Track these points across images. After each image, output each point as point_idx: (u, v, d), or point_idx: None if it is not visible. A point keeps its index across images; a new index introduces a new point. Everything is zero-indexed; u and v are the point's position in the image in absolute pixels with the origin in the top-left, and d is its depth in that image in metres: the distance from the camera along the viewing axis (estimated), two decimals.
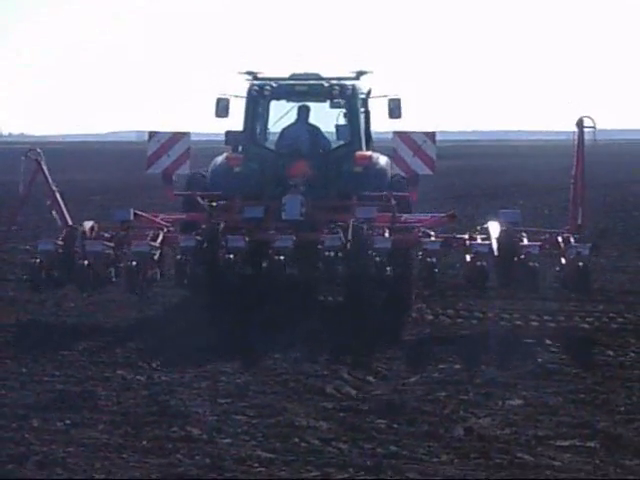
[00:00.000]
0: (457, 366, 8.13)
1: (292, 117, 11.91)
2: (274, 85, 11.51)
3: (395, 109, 11.80)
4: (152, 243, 10.04)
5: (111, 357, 8.48)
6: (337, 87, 11.31)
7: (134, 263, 9.80)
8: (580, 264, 9.51)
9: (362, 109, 11.78)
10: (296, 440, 6.21)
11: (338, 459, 5.87)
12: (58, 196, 10.87)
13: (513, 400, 7.10)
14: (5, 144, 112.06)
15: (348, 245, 9.67)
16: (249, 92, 11.50)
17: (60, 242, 10.08)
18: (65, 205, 10.91)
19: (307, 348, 8.75)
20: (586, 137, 10.17)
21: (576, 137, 9.96)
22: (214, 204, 10.68)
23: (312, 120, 11.83)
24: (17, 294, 10.94)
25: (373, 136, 12.43)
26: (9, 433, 6.33)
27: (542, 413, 6.75)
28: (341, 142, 11.86)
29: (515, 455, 5.88)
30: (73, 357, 8.45)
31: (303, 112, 11.71)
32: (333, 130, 12.03)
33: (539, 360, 8.32)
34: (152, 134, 10.75)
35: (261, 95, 11.47)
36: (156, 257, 10.05)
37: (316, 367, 8.04)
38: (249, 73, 11.69)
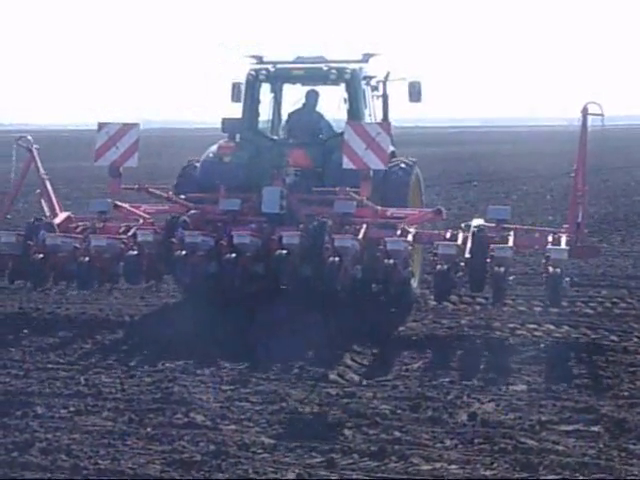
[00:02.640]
0: (460, 352, 8.13)
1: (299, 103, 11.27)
2: (271, 69, 10.93)
3: (415, 92, 11.30)
4: (118, 237, 9.59)
5: (115, 345, 8.49)
6: (335, 71, 10.66)
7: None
8: (551, 270, 8.55)
9: (371, 93, 11.26)
10: (300, 426, 6.22)
11: (342, 445, 5.88)
12: (48, 185, 10.67)
13: (517, 385, 7.11)
14: (5, 133, 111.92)
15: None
16: (246, 76, 10.96)
17: (20, 234, 9.74)
18: (55, 194, 10.69)
19: (310, 335, 8.75)
20: (594, 124, 9.59)
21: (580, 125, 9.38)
22: (182, 196, 10.28)
23: (328, 105, 11.19)
24: (21, 283, 10.94)
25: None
26: (13, 420, 6.34)
27: (546, 398, 6.76)
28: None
29: (519, 440, 5.89)
30: (77, 345, 8.46)
31: (311, 97, 11.08)
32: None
33: (542, 345, 8.32)
34: (101, 125, 10.25)
35: (257, 79, 10.90)
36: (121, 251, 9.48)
37: (320, 353, 8.04)
38: (254, 57, 11.21)
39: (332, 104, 11.21)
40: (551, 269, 8.61)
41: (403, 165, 10.66)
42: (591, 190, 18.60)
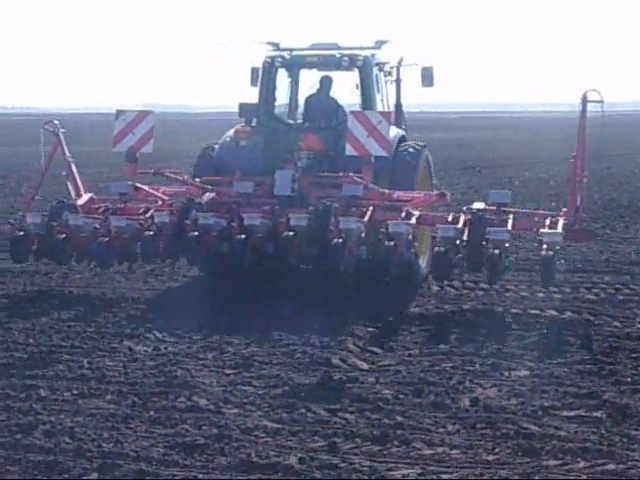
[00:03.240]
0: (463, 337, 8.14)
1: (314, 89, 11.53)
2: (286, 55, 11.26)
3: (428, 77, 11.62)
4: (137, 218, 9.95)
5: (118, 328, 8.50)
6: (347, 57, 10.91)
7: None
8: (544, 253, 8.82)
9: (384, 79, 11.51)
10: (302, 410, 6.24)
11: (345, 429, 5.89)
12: (73, 167, 10.94)
13: (519, 371, 7.11)
14: (8, 116, 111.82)
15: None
16: (263, 63, 11.25)
17: (45, 215, 10.16)
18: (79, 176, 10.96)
19: (313, 319, 8.77)
20: (594, 111, 9.73)
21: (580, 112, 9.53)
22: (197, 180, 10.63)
23: (345, 91, 11.42)
24: (25, 266, 10.98)
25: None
26: (17, 403, 6.37)
27: (548, 384, 6.76)
28: None
29: (521, 425, 5.90)
30: (80, 328, 8.47)
31: (325, 83, 11.36)
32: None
33: (545, 331, 8.33)
34: (119, 113, 10.71)
35: (273, 65, 11.19)
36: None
37: (322, 338, 8.05)
38: (271, 44, 11.47)
39: (346, 89, 11.44)
40: (544, 251, 8.85)
41: (411, 149, 10.82)
42: (594, 177, 18.64)
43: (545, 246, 8.90)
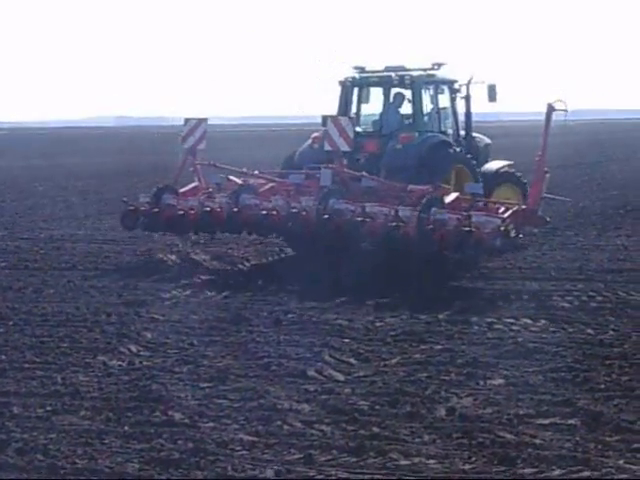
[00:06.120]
0: (438, 346, 8.15)
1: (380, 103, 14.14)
2: (357, 76, 14.02)
3: (492, 93, 13.90)
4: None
5: (92, 343, 8.44)
6: (398, 77, 13.66)
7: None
8: (466, 229, 10.76)
9: (451, 95, 13.93)
10: (278, 423, 6.22)
11: (321, 441, 5.88)
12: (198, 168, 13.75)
13: (494, 379, 7.14)
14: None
15: None
16: (339, 82, 13.98)
17: (148, 196, 13.27)
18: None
19: (288, 330, 8.76)
20: (558, 119, 11.83)
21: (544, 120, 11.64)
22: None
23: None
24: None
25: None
26: None
27: (523, 392, 6.79)
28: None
29: (497, 434, 5.92)
30: (53, 344, 8.40)
31: (397, 99, 13.89)
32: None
33: (520, 339, 8.36)
34: (186, 120, 14.11)
35: (345, 84, 13.91)
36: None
37: (298, 350, 8.04)
38: (357, 67, 14.14)
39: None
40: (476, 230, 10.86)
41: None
42: (567, 184, 18.80)
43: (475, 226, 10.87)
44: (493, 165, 14.23)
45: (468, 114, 14.37)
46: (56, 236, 15.78)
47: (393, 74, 13.80)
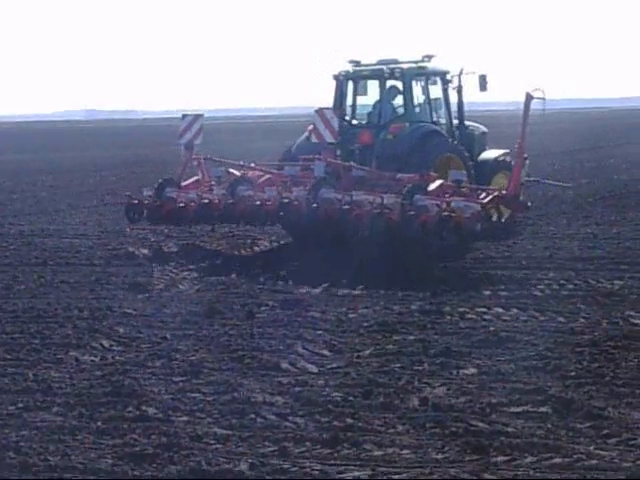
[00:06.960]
0: (411, 337, 8.18)
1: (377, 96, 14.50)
2: (350, 70, 14.43)
3: (483, 83, 14.23)
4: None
5: (64, 339, 8.39)
6: (389, 70, 14.00)
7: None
8: (445, 214, 11.16)
9: (444, 86, 14.21)
10: (252, 416, 6.22)
11: (295, 433, 5.89)
12: (202, 162, 14.25)
13: (467, 369, 7.18)
14: None
15: None
16: (334, 76, 14.43)
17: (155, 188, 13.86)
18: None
19: (261, 323, 8.75)
20: (535, 107, 11.89)
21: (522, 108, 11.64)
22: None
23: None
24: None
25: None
26: None
27: (495, 381, 6.84)
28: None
29: (470, 423, 5.96)
30: (25, 340, 8.34)
31: (391, 91, 14.26)
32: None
33: (492, 328, 8.41)
34: (184, 115, 14.73)
35: (339, 78, 14.34)
36: None
37: (271, 342, 8.04)
38: (352, 61, 14.50)
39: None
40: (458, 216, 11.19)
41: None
42: (539, 173, 19.00)
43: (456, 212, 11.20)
44: (490, 154, 14.65)
45: (460, 104, 14.70)
46: (26, 232, 15.67)
47: (385, 67, 14.16)
